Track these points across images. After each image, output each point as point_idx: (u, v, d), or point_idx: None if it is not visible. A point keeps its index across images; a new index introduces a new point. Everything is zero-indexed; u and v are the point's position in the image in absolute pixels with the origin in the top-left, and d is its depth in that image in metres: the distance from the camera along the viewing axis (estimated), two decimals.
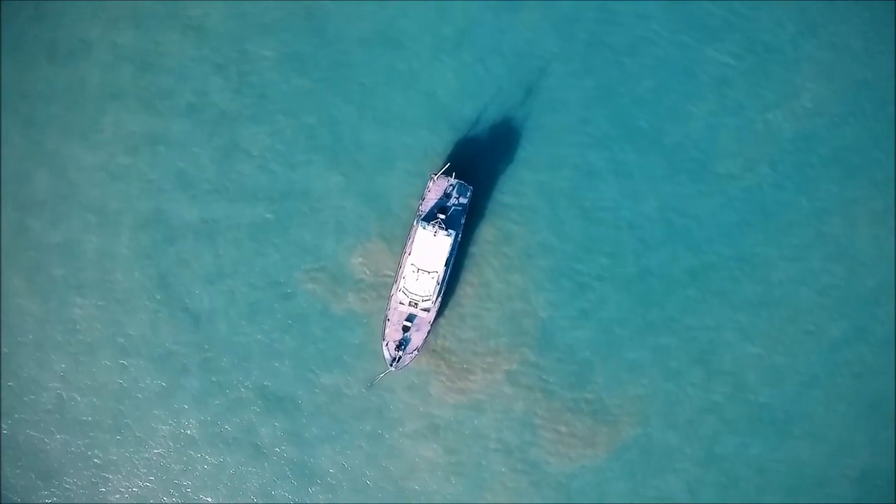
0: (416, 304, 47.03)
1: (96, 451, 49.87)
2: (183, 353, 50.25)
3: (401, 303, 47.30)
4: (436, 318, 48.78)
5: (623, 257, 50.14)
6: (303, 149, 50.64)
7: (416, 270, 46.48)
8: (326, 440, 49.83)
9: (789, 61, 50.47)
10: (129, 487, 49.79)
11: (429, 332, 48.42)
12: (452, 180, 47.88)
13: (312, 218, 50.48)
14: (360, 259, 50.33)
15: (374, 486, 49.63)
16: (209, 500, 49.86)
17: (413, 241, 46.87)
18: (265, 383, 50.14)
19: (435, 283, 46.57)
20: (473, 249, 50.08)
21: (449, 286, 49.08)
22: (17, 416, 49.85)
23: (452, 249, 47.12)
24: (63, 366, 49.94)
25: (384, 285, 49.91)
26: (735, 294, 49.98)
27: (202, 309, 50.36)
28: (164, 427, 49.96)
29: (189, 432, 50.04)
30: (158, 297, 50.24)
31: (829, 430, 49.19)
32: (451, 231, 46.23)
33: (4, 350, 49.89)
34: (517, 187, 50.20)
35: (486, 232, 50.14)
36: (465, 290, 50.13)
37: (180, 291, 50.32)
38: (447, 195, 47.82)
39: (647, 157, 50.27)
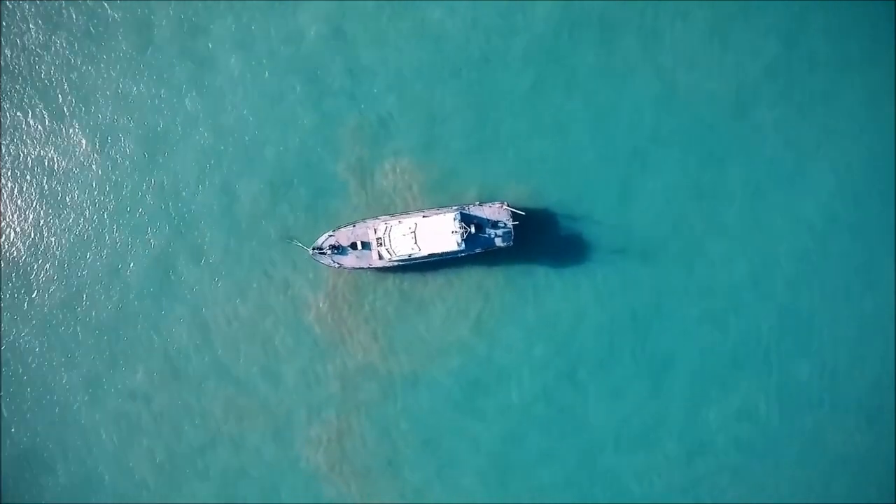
0: (381, 249, 46.42)
1: None
2: None
3: (377, 238, 46.53)
4: (373, 270, 48.34)
5: None
6: None
7: (410, 234, 45.75)
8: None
9: None
10: None
11: (359, 269, 48.00)
12: (508, 218, 46.90)
13: None
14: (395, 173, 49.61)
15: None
16: None
17: (430, 216, 46.21)
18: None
19: (409, 255, 46.09)
20: (456, 275, 49.36)
21: (404, 271, 48.81)
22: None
23: (451, 254, 46.53)
24: None
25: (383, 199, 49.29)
26: None
27: None
28: None
29: None
30: None
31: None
32: (463, 244, 45.70)
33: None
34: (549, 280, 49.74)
35: (482, 274, 49.45)
36: (405, 292, 49.70)
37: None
38: (493, 222, 47.17)
39: None
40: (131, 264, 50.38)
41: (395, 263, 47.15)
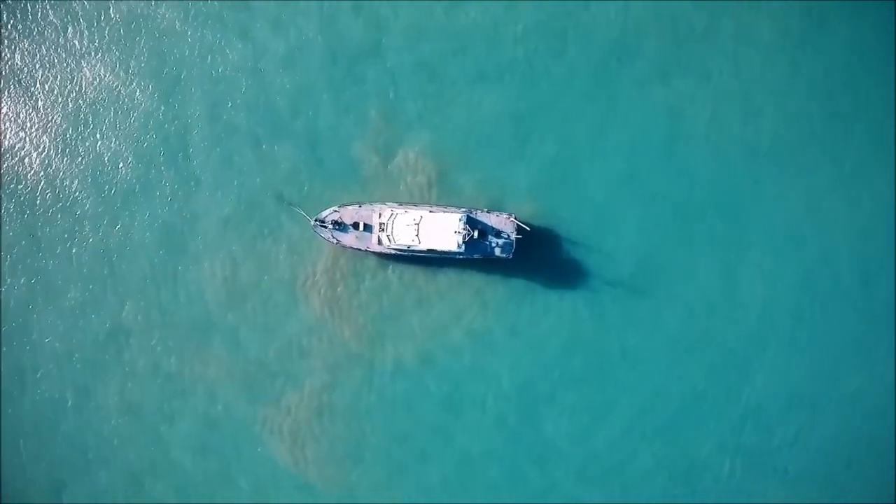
0: (382, 235, 46.17)
1: None
2: None
3: (381, 222, 46.31)
4: (375, 255, 48.24)
5: None
6: None
7: (414, 226, 45.58)
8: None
9: None
10: None
11: (355, 250, 47.79)
12: (512, 230, 46.25)
13: None
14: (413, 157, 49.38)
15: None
16: None
17: (436, 212, 45.91)
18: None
19: (408, 246, 45.87)
20: (457, 279, 49.01)
21: (406, 264, 48.62)
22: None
23: (449, 254, 46.23)
24: None
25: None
26: None
27: None
28: None
29: None
30: None
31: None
32: (463, 247, 45.41)
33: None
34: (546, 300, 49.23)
35: (482, 282, 48.98)
36: (403, 285, 49.46)
37: None
38: (497, 231, 46.78)
39: None
40: (140, 199, 50.75)
41: (393, 251, 46.91)
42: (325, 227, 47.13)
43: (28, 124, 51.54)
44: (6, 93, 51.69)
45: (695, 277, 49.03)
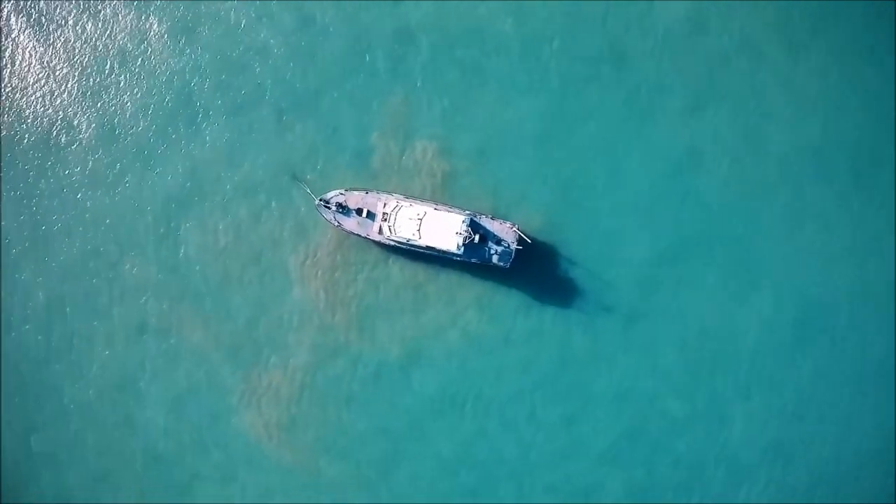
0: (384, 224, 45.70)
1: None
2: None
3: (384, 212, 45.85)
4: (377, 245, 47.78)
5: None
6: None
7: (417, 220, 45.03)
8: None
9: None
10: None
11: (354, 235, 47.34)
12: (513, 240, 45.48)
13: None
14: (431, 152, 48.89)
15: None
16: None
17: (441, 211, 45.38)
18: None
19: (408, 240, 45.34)
20: (457, 283, 48.41)
21: (407, 259, 48.11)
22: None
23: (446, 254, 45.63)
24: None
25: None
26: None
27: None
28: None
29: None
30: None
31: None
32: (461, 249, 44.83)
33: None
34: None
35: (481, 290, 48.33)
36: (402, 280, 48.90)
37: None
38: (498, 239, 45.97)
39: None
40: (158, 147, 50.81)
41: (392, 243, 46.37)
42: (329, 208, 46.76)
43: (57, 64, 52.01)
44: (36, 29, 52.29)
45: (691, 314, 48.07)
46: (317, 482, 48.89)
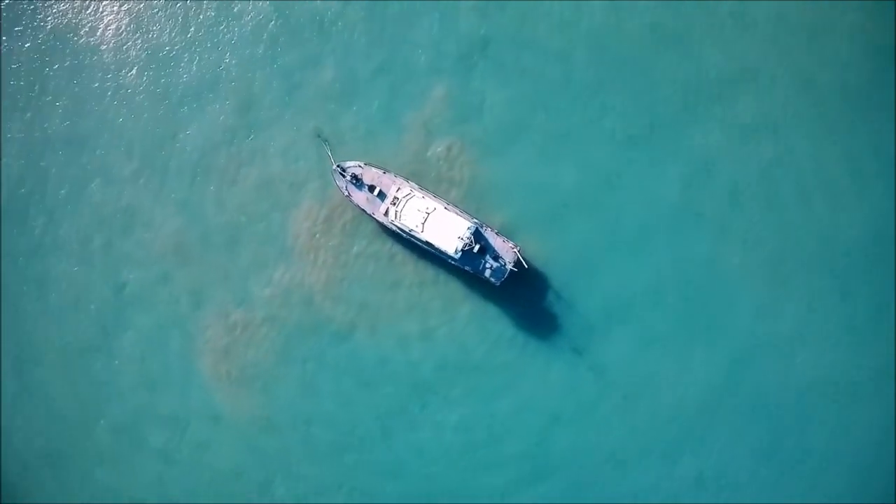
0: (391, 208, 45.39)
1: None
2: None
3: (395, 196, 45.52)
4: (380, 225, 47.54)
5: None
6: None
7: (424, 213, 44.70)
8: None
9: None
10: None
11: (360, 209, 47.21)
12: (511, 261, 45.00)
13: None
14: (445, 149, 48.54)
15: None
16: None
17: (450, 211, 45.14)
18: None
19: (410, 230, 45.08)
20: (448, 283, 48.01)
21: (404, 247, 47.83)
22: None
23: (442, 255, 45.51)
24: None
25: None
26: None
27: None
28: None
29: None
30: None
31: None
32: (458, 255, 44.55)
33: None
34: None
35: (474, 299, 47.94)
36: (394, 264, 48.69)
37: None
38: (496, 255, 45.67)
39: None
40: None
41: (393, 228, 46.06)
42: (344, 176, 46.51)
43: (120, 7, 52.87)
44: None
45: (679, 377, 47.75)
46: (256, 438, 48.91)
